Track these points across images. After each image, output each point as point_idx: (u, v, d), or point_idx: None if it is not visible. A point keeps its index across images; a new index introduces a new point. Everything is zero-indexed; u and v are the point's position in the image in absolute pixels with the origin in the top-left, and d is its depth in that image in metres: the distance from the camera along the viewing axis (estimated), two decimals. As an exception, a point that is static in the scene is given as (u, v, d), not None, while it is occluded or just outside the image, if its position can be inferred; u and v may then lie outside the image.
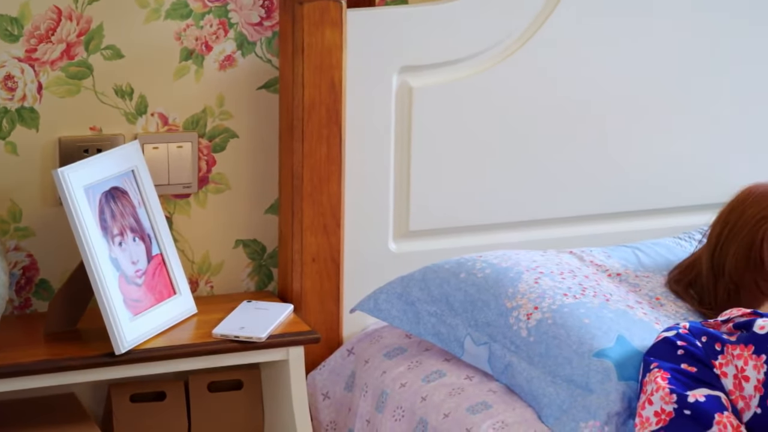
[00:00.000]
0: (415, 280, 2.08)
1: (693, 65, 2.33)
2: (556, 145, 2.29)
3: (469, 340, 1.99)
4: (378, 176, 2.20)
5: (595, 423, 1.80)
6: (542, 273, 2.03)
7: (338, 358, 2.17)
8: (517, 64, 2.23)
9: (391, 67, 2.17)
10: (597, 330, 1.89)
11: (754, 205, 2.02)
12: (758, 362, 1.74)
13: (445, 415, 1.93)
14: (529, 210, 2.30)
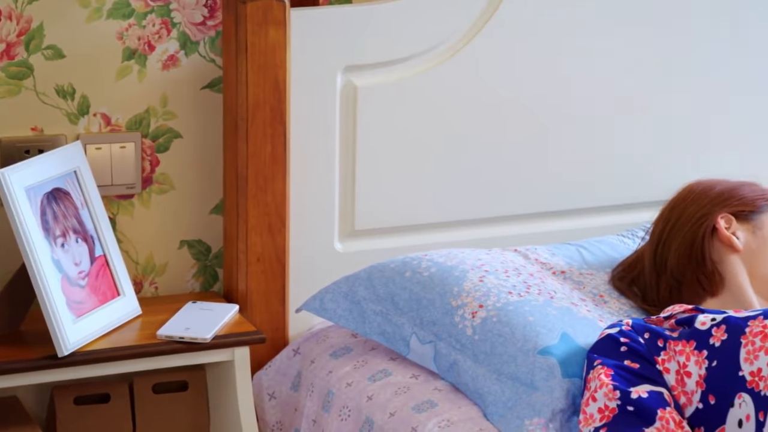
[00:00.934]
0: (360, 279, 2.08)
1: (635, 64, 2.34)
2: (501, 144, 2.29)
3: (414, 339, 1.99)
4: (323, 176, 2.20)
5: (540, 420, 1.80)
6: (487, 271, 2.03)
7: (284, 358, 2.17)
8: (460, 63, 2.23)
9: (336, 66, 2.17)
10: (541, 328, 1.90)
11: (694, 202, 2.04)
12: (700, 358, 1.75)
13: (391, 414, 1.93)
14: (474, 208, 2.31)
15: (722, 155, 2.42)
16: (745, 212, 2.04)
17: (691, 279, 2.00)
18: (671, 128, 2.39)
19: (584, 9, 2.29)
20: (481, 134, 2.28)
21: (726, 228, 2.02)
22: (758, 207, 2.04)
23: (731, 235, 2.01)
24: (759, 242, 2.01)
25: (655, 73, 2.36)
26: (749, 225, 2.03)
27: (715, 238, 2.02)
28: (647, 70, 2.35)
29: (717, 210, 2.03)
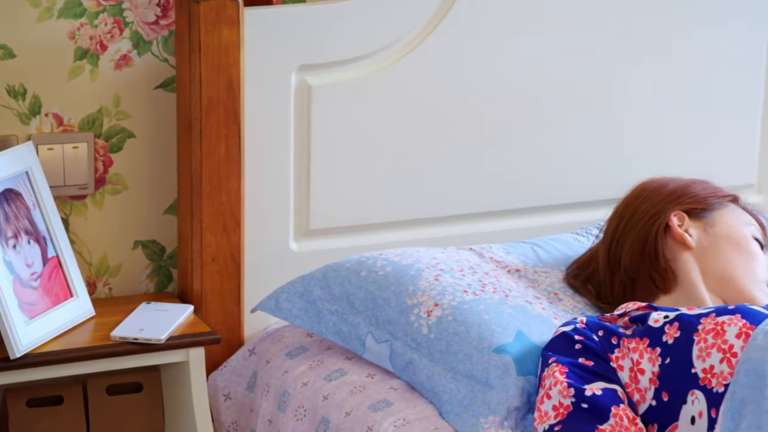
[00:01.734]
0: (316, 278, 2.08)
1: (591, 62, 2.35)
2: (456, 143, 2.30)
3: (370, 338, 1.99)
4: (278, 175, 2.19)
5: (495, 418, 1.81)
6: (442, 270, 2.04)
7: (239, 359, 2.16)
8: (415, 62, 2.24)
9: (290, 65, 2.17)
10: (496, 326, 1.91)
11: (647, 200, 2.05)
12: (653, 355, 1.76)
13: (347, 413, 1.93)
14: (429, 207, 2.31)
15: (675, 154, 2.44)
16: (697, 210, 2.05)
17: (644, 276, 2.01)
18: (624, 127, 2.40)
19: (538, 8, 2.30)
20: (436, 133, 2.28)
21: (679, 225, 2.03)
22: (710, 205, 2.06)
23: (684, 232, 2.02)
24: (711, 240, 2.02)
25: (608, 72, 2.37)
26: (701, 222, 2.04)
27: (668, 235, 2.03)
28: (600, 70, 2.36)
29: (670, 207, 2.04)
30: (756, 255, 2.02)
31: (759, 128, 2.49)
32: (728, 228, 2.04)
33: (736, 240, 2.02)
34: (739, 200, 2.11)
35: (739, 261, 2.01)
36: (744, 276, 2.00)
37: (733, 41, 2.43)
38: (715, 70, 2.43)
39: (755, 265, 2.01)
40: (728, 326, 1.73)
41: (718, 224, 2.04)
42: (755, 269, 2.01)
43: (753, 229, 2.05)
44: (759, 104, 2.48)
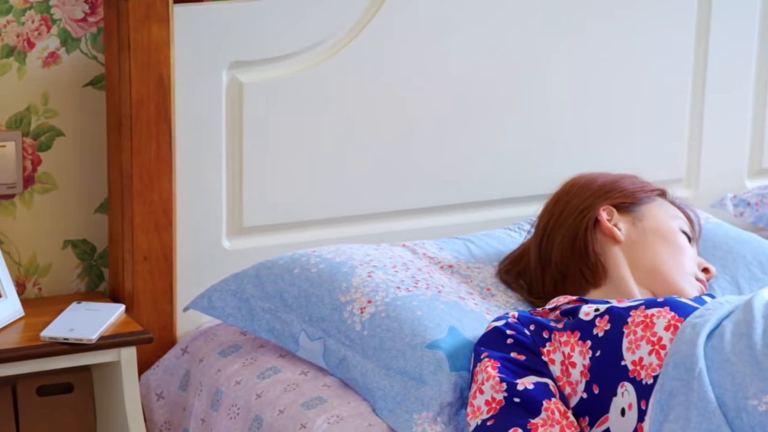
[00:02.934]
0: (248, 276, 2.07)
1: (520, 59, 2.37)
2: (388, 140, 2.30)
3: (303, 336, 1.99)
4: (210, 173, 2.18)
5: (428, 414, 1.81)
6: (375, 267, 2.04)
7: (172, 358, 2.15)
8: (348, 58, 2.24)
9: (220, 62, 2.16)
10: (429, 322, 1.91)
11: (577, 195, 2.07)
12: (584, 348, 1.77)
13: (280, 411, 1.93)
14: (363, 204, 2.31)
15: (604, 149, 2.45)
16: (626, 204, 2.07)
17: (575, 271, 2.02)
18: (554, 122, 2.42)
19: (467, 6, 2.31)
20: (367, 130, 2.28)
21: (608, 220, 2.05)
22: (639, 199, 2.08)
23: (613, 227, 2.04)
24: (639, 233, 2.04)
25: (536, 68, 2.38)
26: (630, 217, 2.06)
27: (597, 230, 2.05)
28: (529, 66, 2.37)
29: (599, 202, 2.06)
30: (684, 248, 2.04)
31: (687, 123, 2.51)
32: (656, 222, 2.06)
33: (664, 233, 2.04)
34: (667, 194, 2.13)
35: (667, 254, 2.03)
36: (672, 269, 2.02)
37: (661, 36, 2.45)
38: (643, 65, 2.45)
39: (683, 258, 2.03)
40: (657, 319, 1.74)
41: (646, 218, 2.06)
42: (683, 262, 2.03)
43: (681, 223, 2.08)
44: (687, 98, 2.50)
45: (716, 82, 2.51)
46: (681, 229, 2.07)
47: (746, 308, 1.73)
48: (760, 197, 2.46)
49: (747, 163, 2.58)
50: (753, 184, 2.57)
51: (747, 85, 2.54)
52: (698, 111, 2.51)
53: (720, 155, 2.54)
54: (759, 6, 2.52)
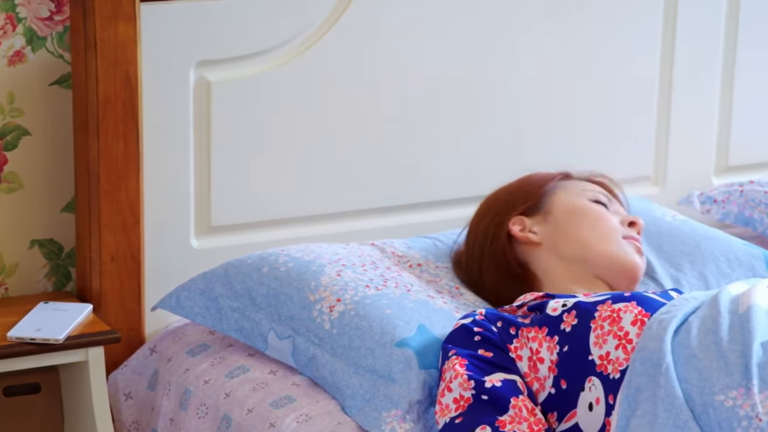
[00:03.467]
0: (217, 275, 2.07)
1: (490, 56, 2.37)
2: (356, 138, 2.30)
3: (272, 335, 1.98)
4: (178, 172, 2.18)
5: (397, 412, 1.81)
6: (344, 265, 2.04)
7: (140, 358, 2.14)
8: (316, 56, 2.23)
9: (188, 61, 2.15)
10: (399, 320, 1.91)
11: (485, 218, 2.06)
12: (551, 343, 1.78)
13: (249, 410, 1.92)
14: (331, 203, 2.31)
15: (571, 147, 2.45)
16: (532, 206, 2.06)
17: (511, 290, 2.02)
18: (521, 120, 2.42)
19: (437, 4, 2.31)
20: (336, 129, 2.28)
21: (520, 230, 2.04)
22: (540, 195, 2.06)
23: (527, 233, 2.03)
24: (554, 226, 2.03)
25: (505, 67, 2.38)
26: (540, 215, 2.05)
27: (515, 244, 2.04)
28: (497, 64, 2.37)
29: (506, 218, 2.04)
30: (599, 215, 2.03)
31: (654, 121, 2.52)
32: (563, 206, 2.04)
33: (574, 213, 2.03)
34: (571, 174, 2.12)
35: (586, 230, 2.01)
36: (596, 241, 2.01)
37: (628, 35, 2.46)
38: (611, 64, 2.46)
39: (602, 225, 2.02)
40: (624, 313, 1.75)
41: (554, 208, 2.05)
42: (603, 229, 2.01)
43: (590, 193, 2.06)
44: (654, 97, 2.51)
45: (683, 81, 2.52)
46: (592, 199, 2.05)
47: (712, 304, 1.74)
48: (727, 194, 2.47)
49: (714, 160, 2.59)
50: (720, 182, 2.58)
51: (713, 84, 2.55)
52: (665, 109, 2.52)
53: (687, 153, 2.55)
54: (725, 6, 2.54)
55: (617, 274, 2.00)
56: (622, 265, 2.00)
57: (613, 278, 2.00)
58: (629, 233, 2.03)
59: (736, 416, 1.58)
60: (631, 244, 2.02)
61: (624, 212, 2.09)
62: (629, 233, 2.03)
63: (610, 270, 2.00)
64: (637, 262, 2.01)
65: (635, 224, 2.05)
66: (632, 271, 2.00)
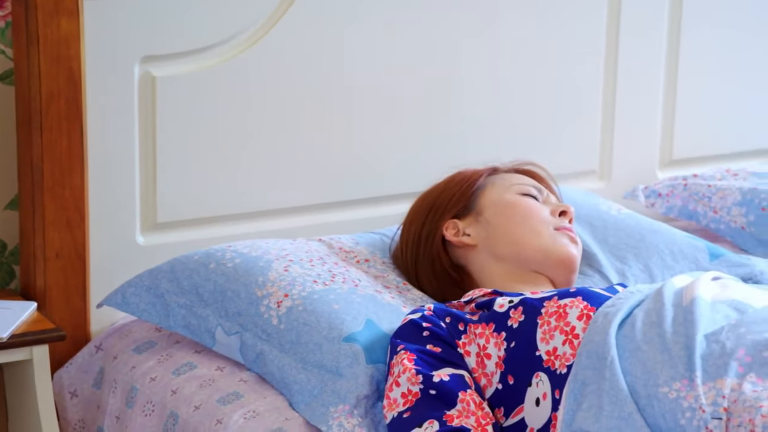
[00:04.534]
0: (163, 272, 2.05)
1: (435, 51, 2.37)
2: (304, 133, 2.29)
3: (220, 331, 1.98)
4: (123, 168, 2.16)
5: (345, 407, 1.81)
6: (292, 261, 2.03)
7: (86, 355, 2.12)
8: (262, 51, 2.23)
9: (133, 56, 2.14)
10: (346, 315, 1.91)
11: (415, 223, 2.06)
12: (498, 339, 1.78)
13: (196, 407, 1.92)
14: (278, 198, 2.30)
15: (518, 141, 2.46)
16: (462, 207, 2.06)
17: (450, 292, 2.03)
18: (468, 115, 2.42)
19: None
20: (283, 124, 2.28)
21: (454, 234, 2.04)
22: (470, 195, 2.06)
23: (462, 237, 2.03)
24: (486, 226, 2.03)
25: (451, 61, 2.39)
26: (472, 215, 2.05)
27: (450, 247, 2.05)
28: (443, 59, 2.38)
29: (439, 223, 2.04)
30: (528, 209, 2.02)
31: (600, 114, 2.54)
32: (493, 204, 2.04)
33: (503, 210, 2.02)
34: (498, 168, 2.11)
35: (516, 226, 2.01)
36: (528, 236, 2.00)
37: (572, 29, 2.47)
38: (555, 58, 2.47)
39: (532, 220, 2.01)
40: (570, 308, 1.76)
41: (484, 207, 2.04)
42: (533, 223, 2.01)
43: (518, 187, 2.06)
44: (599, 91, 2.53)
45: (627, 75, 2.53)
46: (521, 192, 2.05)
47: (657, 297, 1.75)
48: (671, 188, 2.49)
49: (658, 154, 2.61)
50: (664, 175, 2.61)
51: (657, 78, 2.57)
52: (610, 103, 2.54)
53: (632, 147, 2.57)
54: (668, 1, 2.56)
55: (553, 267, 2.00)
56: (556, 257, 2.00)
57: (550, 271, 2.01)
58: (561, 224, 2.03)
59: (680, 407, 1.60)
60: (564, 234, 2.02)
61: (555, 201, 2.09)
62: (561, 224, 2.03)
63: (545, 263, 2.00)
64: (572, 252, 2.01)
65: (566, 213, 2.05)
66: (567, 261, 2.01)
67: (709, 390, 1.60)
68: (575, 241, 2.03)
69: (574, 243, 2.03)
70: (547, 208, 2.05)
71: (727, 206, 2.41)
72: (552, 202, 2.07)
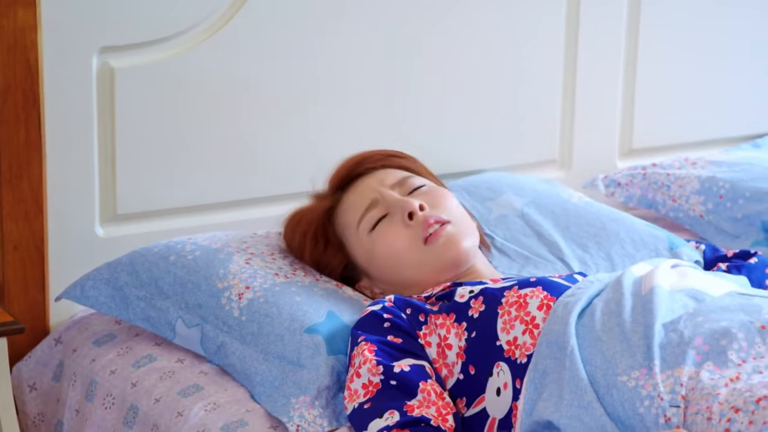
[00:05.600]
0: (122, 265, 2.04)
1: (393, 43, 2.37)
2: (261, 125, 2.29)
3: (180, 323, 1.97)
4: (82, 159, 2.15)
5: (306, 398, 1.81)
6: (253, 254, 2.03)
7: (45, 348, 2.11)
8: (222, 42, 2.22)
9: (91, 47, 2.12)
10: (308, 307, 1.91)
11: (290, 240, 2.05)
12: (459, 330, 1.79)
13: (156, 399, 1.91)
14: (238, 190, 2.29)
15: (475, 130, 2.46)
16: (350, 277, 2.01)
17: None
18: (425, 106, 2.42)
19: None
20: (242, 116, 2.27)
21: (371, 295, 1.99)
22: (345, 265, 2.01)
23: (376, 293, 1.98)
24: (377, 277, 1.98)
25: (409, 53, 2.38)
26: (364, 279, 1.99)
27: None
28: (402, 50, 2.37)
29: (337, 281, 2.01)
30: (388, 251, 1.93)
31: (559, 104, 2.55)
32: (367, 263, 1.97)
33: (371, 261, 1.95)
34: (329, 208, 2.02)
35: (393, 273, 1.94)
36: (408, 275, 1.92)
37: (532, 18, 2.48)
38: (514, 48, 2.47)
39: (398, 257, 1.92)
40: (530, 298, 1.76)
41: (365, 269, 1.98)
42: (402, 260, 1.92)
43: (362, 225, 1.95)
44: (559, 79, 2.53)
45: (587, 64, 2.54)
46: (369, 229, 1.96)
47: (616, 286, 1.76)
48: (630, 177, 2.50)
49: (618, 144, 2.62)
50: (624, 165, 2.62)
51: (617, 67, 2.58)
52: (570, 93, 2.54)
53: (592, 137, 2.58)
54: (627, -13, 2.57)
55: (446, 273, 1.92)
56: (442, 269, 1.92)
57: (448, 275, 1.93)
58: (424, 231, 1.91)
59: (639, 396, 1.61)
60: (434, 244, 1.90)
61: (396, 196, 1.95)
62: (424, 231, 1.91)
63: (438, 277, 1.92)
64: (454, 256, 1.91)
65: (413, 214, 1.91)
66: (455, 264, 1.92)
67: (667, 378, 1.61)
68: (451, 234, 1.91)
69: (448, 241, 1.91)
70: (398, 218, 1.92)
71: (685, 195, 2.43)
72: (389, 198, 1.95)
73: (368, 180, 2.00)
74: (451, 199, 1.97)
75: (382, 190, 1.97)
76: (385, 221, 1.94)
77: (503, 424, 1.71)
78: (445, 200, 1.95)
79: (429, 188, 1.97)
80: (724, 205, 2.39)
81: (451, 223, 1.92)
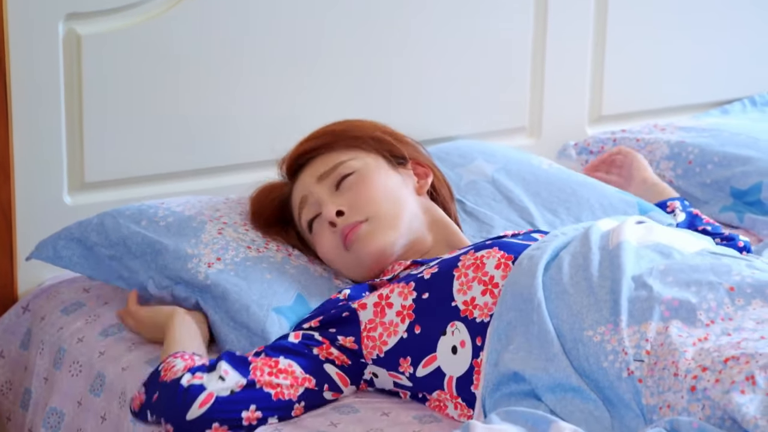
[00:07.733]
0: (92, 224, 2.01)
1: (362, 11, 2.36)
2: (230, 91, 2.27)
3: (151, 284, 1.95)
4: (49, 127, 2.13)
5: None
6: (225, 224, 2.01)
7: (13, 316, 2.10)
8: (189, 8, 2.20)
9: (57, 14, 2.11)
10: (278, 287, 1.90)
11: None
12: (405, 290, 1.76)
13: (123, 368, 1.90)
14: (208, 157, 2.28)
15: (443, 97, 2.44)
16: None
17: None
18: (395, 74, 2.41)
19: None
20: (210, 82, 2.26)
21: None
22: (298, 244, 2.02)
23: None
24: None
25: (378, 21, 2.37)
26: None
27: None
28: (371, 19, 2.36)
29: None
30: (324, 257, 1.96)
31: (529, 71, 2.54)
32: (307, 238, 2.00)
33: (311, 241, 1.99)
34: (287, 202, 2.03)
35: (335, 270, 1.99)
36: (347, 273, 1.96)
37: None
38: (483, 11, 2.45)
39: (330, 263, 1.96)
40: (487, 259, 1.75)
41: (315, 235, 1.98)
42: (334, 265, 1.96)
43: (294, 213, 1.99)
44: (528, 46, 2.52)
45: (556, 31, 2.53)
46: (299, 208, 1.98)
47: (583, 240, 1.75)
48: (601, 144, 2.50)
49: (587, 110, 2.62)
50: (593, 131, 2.62)
51: (586, 34, 2.57)
52: (539, 60, 2.54)
53: (561, 104, 2.57)
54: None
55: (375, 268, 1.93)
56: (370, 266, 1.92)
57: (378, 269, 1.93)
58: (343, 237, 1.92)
59: (603, 351, 1.60)
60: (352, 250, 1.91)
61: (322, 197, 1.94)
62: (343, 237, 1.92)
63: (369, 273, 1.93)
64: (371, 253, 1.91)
65: (333, 224, 1.92)
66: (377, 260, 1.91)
67: (633, 333, 1.61)
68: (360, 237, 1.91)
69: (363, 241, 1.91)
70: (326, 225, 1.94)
71: (655, 160, 2.43)
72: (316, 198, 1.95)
73: (304, 174, 1.99)
74: (376, 186, 1.94)
75: (312, 188, 1.97)
76: (317, 222, 1.96)
77: (462, 382, 1.70)
78: (369, 191, 1.94)
79: (356, 177, 1.95)
80: (693, 170, 2.39)
81: (367, 221, 1.92)
